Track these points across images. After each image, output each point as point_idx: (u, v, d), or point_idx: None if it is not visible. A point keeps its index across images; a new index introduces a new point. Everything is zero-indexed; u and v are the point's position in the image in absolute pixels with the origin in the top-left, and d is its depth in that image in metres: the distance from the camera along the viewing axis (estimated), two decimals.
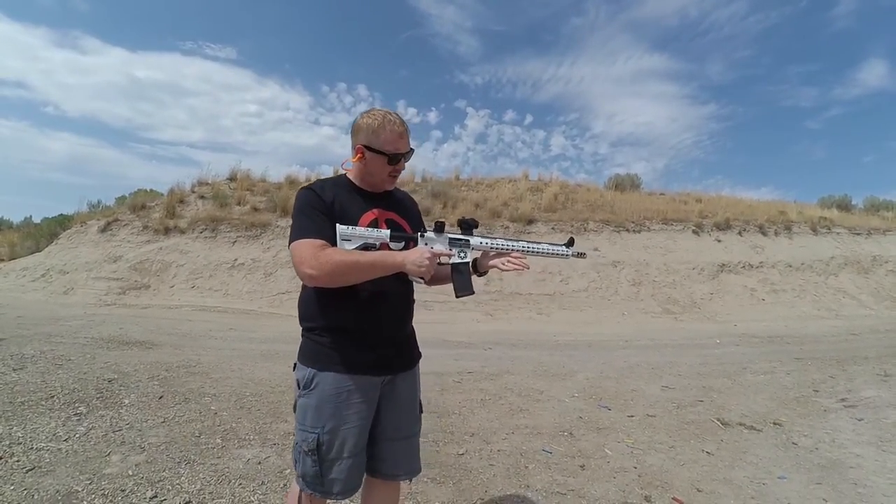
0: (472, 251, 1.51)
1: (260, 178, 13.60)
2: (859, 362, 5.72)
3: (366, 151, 1.45)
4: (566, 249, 1.53)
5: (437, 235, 1.47)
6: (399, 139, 1.46)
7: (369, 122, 1.46)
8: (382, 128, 1.44)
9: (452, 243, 1.48)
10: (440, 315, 8.54)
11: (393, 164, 1.48)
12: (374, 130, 1.44)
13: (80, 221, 11.76)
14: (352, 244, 1.38)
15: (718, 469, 2.84)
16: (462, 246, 1.49)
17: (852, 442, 3.30)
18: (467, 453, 2.94)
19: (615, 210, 12.93)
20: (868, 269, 12.34)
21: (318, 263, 1.29)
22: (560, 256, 1.53)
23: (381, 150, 1.44)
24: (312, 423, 1.39)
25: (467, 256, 1.50)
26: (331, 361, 1.41)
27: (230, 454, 2.75)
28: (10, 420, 2.99)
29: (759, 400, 4.22)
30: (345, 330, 1.42)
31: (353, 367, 1.41)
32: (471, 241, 1.49)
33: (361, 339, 1.43)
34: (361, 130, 1.46)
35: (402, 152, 1.48)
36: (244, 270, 9.78)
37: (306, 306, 1.48)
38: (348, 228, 1.38)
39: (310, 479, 1.40)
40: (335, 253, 1.32)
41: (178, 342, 5.74)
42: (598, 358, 5.79)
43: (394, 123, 1.46)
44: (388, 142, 1.45)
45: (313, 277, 1.31)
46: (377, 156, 1.45)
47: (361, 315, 1.42)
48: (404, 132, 1.48)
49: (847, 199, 18.46)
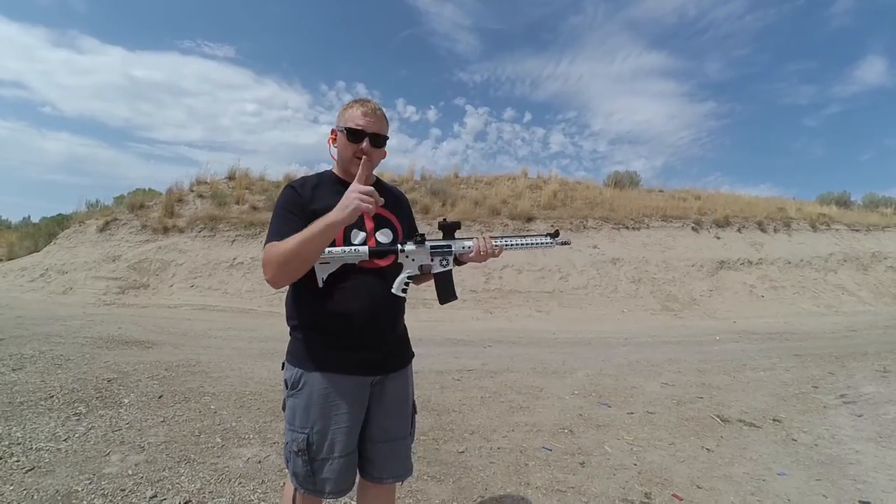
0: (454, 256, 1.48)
1: (258, 176, 13.60)
2: (858, 359, 5.73)
3: (338, 134, 1.45)
4: (549, 240, 1.53)
5: (419, 247, 1.44)
6: (363, 117, 1.41)
7: (343, 107, 1.47)
8: (351, 108, 1.44)
9: (434, 252, 1.46)
10: (439, 313, 8.54)
11: (354, 140, 1.41)
12: (343, 111, 1.45)
13: (78, 221, 11.74)
14: (332, 266, 1.36)
15: (718, 465, 2.84)
16: (444, 254, 1.47)
17: (852, 438, 3.30)
18: (467, 451, 2.94)
19: (614, 207, 12.93)
20: (867, 265, 12.36)
21: (269, 266, 1.28)
22: (545, 246, 1.53)
23: (344, 126, 1.42)
24: (301, 423, 1.38)
25: (450, 264, 1.48)
26: (318, 361, 1.39)
27: (230, 453, 2.75)
28: (10, 420, 2.98)
29: (759, 396, 4.22)
30: (332, 329, 1.39)
31: (341, 368, 1.39)
32: (453, 247, 1.47)
33: (349, 339, 1.40)
34: (338, 116, 1.48)
35: (365, 130, 1.40)
36: (243, 269, 9.77)
37: (293, 306, 1.47)
38: (326, 252, 1.33)
39: (301, 479, 1.39)
40: (274, 249, 1.28)
41: (178, 341, 5.73)
42: (598, 355, 5.79)
43: (365, 105, 1.43)
44: (350, 118, 1.42)
45: (271, 281, 1.31)
46: (342, 135, 1.43)
47: (349, 314, 1.39)
48: (371, 112, 1.42)
49: (846, 195, 18.50)
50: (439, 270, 1.47)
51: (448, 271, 1.48)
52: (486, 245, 1.46)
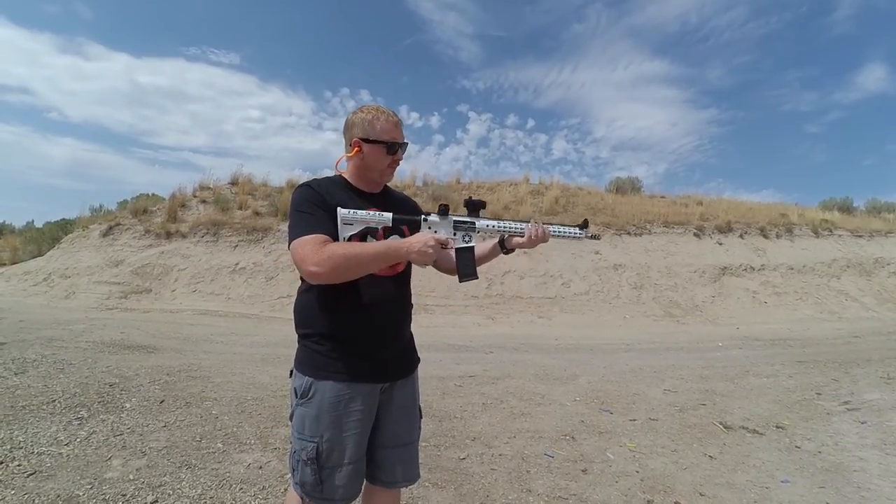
0: (478, 234, 1.46)
1: (261, 182, 13.64)
2: (862, 365, 5.69)
3: (363, 144, 1.44)
4: (579, 231, 1.50)
5: (442, 219, 1.42)
6: (395, 128, 1.46)
7: (363, 115, 1.45)
8: (378, 119, 1.44)
9: (457, 227, 1.44)
10: (441, 319, 8.54)
11: (391, 153, 1.46)
12: (369, 122, 1.44)
13: (81, 226, 11.80)
14: (353, 228, 1.35)
15: (721, 473, 2.83)
16: (467, 229, 1.44)
17: (856, 445, 3.28)
18: (468, 458, 2.93)
19: (616, 213, 12.93)
20: (870, 271, 12.32)
21: (322, 259, 1.24)
22: (573, 238, 1.50)
23: (378, 139, 1.43)
24: (311, 432, 1.36)
25: (472, 240, 1.45)
26: (329, 370, 1.38)
27: (231, 459, 2.75)
28: (12, 424, 2.99)
29: (762, 403, 4.20)
30: (343, 337, 1.39)
31: (353, 376, 1.38)
32: (476, 224, 1.44)
33: (360, 347, 1.40)
34: (356, 125, 1.45)
35: (399, 141, 1.47)
36: (245, 274, 9.79)
37: (303, 313, 1.45)
38: (349, 212, 1.35)
39: (309, 487, 1.37)
40: (338, 247, 1.28)
41: (180, 346, 5.74)
42: (600, 361, 5.77)
43: (388, 114, 1.46)
44: (385, 131, 1.44)
45: (318, 274, 1.25)
46: (375, 146, 1.43)
47: (360, 322, 1.39)
48: (399, 123, 1.48)
49: (849, 201, 18.45)
50: (461, 246, 1.45)
51: (470, 248, 1.46)
52: (538, 231, 1.46)
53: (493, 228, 1.47)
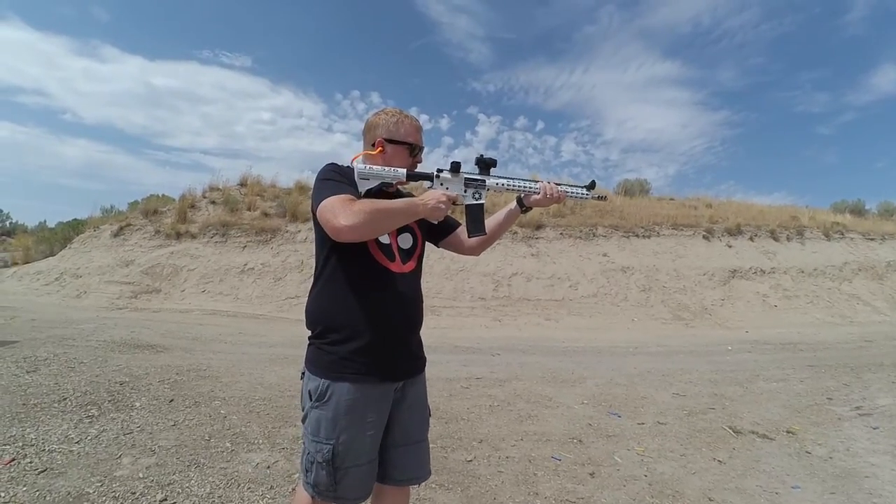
0: (489, 191, 1.50)
1: (270, 183, 13.72)
2: (874, 370, 5.62)
3: (387, 145, 1.48)
4: (586, 192, 1.55)
5: (453, 176, 1.47)
6: (417, 132, 1.52)
7: (387, 117, 1.50)
8: (401, 122, 1.49)
9: (468, 184, 1.48)
10: (448, 320, 8.54)
11: (414, 155, 1.51)
12: (394, 124, 1.49)
13: (93, 226, 11.94)
14: (370, 183, 1.39)
15: (730, 478, 2.80)
16: (478, 187, 1.49)
17: (867, 451, 3.24)
18: (475, 460, 2.93)
19: (624, 215, 12.85)
20: (882, 274, 12.15)
21: (353, 212, 1.24)
22: (580, 198, 1.56)
23: (403, 140, 1.48)
24: (327, 434, 1.35)
25: (482, 198, 1.49)
26: (345, 371, 1.37)
27: (239, 458, 2.77)
28: (24, 422, 3.03)
29: (772, 408, 4.16)
30: (358, 338, 1.38)
31: (369, 377, 1.38)
32: (487, 181, 1.49)
33: (376, 347, 1.39)
34: (379, 126, 1.50)
35: (420, 145, 1.52)
36: (254, 275, 9.85)
37: (316, 313, 1.45)
38: (366, 167, 1.39)
39: (322, 488, 1.37)
40: (366, 203, 1.29)
41: (189, 346, 5.79)
42: (608, 364, 5.74)
43: (412, 118, 1.53)
44: (409, 133, 1.50)
45: (349, 227, 1.24)
46: (399, 147, 1.48)
47: (375, 322, 1.39)
48: (420, 128, 1.54)
49: (860, 203, 18.26)
50: (471, 202, 1.49)
51: (480, 205, 1.50)
52: (552, 189, 1.53)
53: (504, 186, 1.51)
